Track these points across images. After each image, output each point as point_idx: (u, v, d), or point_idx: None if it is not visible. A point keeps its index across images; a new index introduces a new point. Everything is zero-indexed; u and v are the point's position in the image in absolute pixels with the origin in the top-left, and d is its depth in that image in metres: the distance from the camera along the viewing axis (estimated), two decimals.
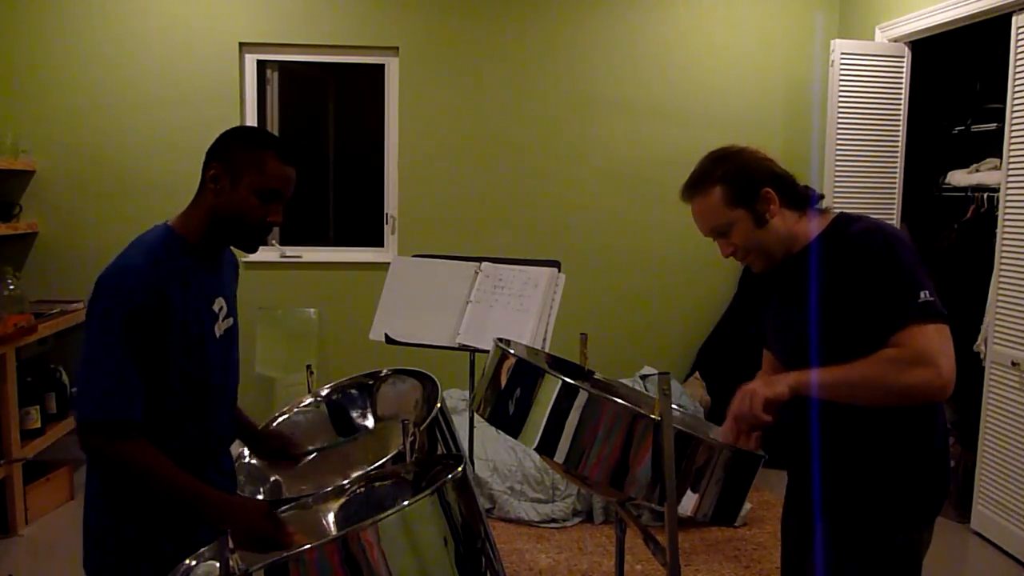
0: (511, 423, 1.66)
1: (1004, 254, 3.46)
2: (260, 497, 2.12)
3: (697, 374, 4.60)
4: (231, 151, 1.65)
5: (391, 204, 4.70)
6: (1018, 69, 3.34)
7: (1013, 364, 3.36)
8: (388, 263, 3.50)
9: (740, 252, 1.71)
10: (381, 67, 4.63)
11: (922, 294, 1.52)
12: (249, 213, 1.64)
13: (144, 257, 1.59)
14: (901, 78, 4.24)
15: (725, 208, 1.67)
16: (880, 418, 1.61)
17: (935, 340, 1.51)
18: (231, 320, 1.79)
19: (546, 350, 2.75)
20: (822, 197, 1.75)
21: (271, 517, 1.55)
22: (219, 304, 1.73)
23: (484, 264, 3.22)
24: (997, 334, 3.48)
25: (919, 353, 1.50)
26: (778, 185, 1.67)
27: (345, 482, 1.77)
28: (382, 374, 2.40)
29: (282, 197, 1.68)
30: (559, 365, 2.15)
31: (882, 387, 1.52)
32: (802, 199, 1.70)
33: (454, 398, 4.16)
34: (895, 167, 4.29)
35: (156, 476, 1.53)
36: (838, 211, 1.73)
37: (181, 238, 1.66)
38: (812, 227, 1.69)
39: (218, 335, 1.72)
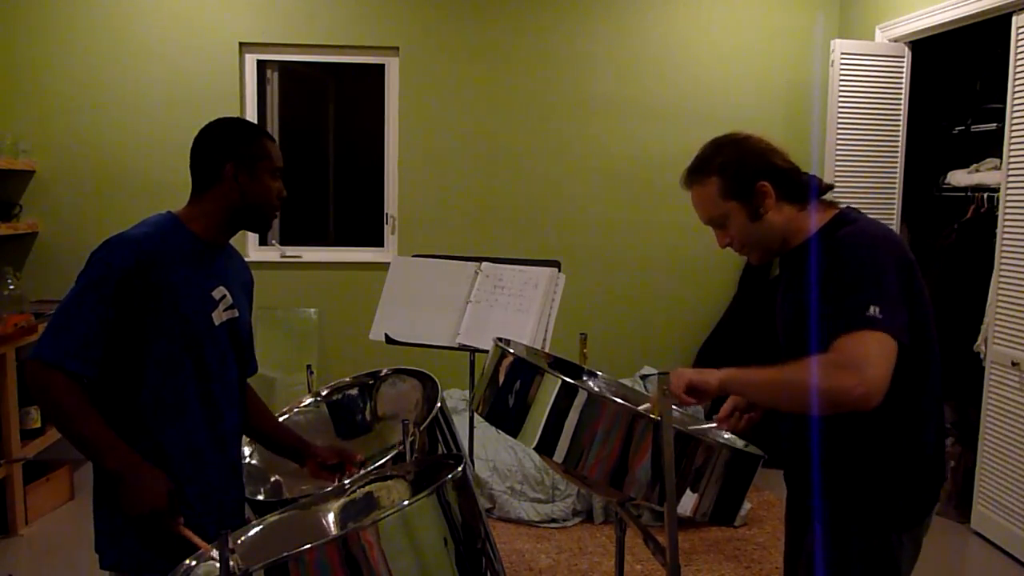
0: (510, 423, 1.66)
1: (1004, 254, 3.46)
2: (260, 498, 2.12)
3: None
4: (239, 146, 1.74)
5: (391, 204, 4.70)
6: (1018, 69, 3.34)
7: (1013, 364, 3.36)
8: (388, 263, 3.49)
9: (736, 244, 1.71)
10: (381, 67, 4.63)
11: (872, 309, 1.45)
12: (270, 196, 1.77)
13: (141, 229, 1.68)
14: (901, 78, 4.24)
15: (719, 200, 1.66)
16: (866, 420, 1.56)
17: (867, 347, 1.43)
18: (235, 312, 1.79)
19: (546, 350, 2.75)
20: (830, 188, 1.71)
21: (171, 496, 1.57)
22: (220, 292, 1.76)
23: (484, 264, 3.22)
24: (997, 334, 3.48)
25: (847, 358, 1.43)
26: (776, 178, 1.64)
27: (345, 482, 1.77)
28: (382, 374, 2.41)
29: (282, 171, 1.80)
30: (559, 365, 2.16)
31: (804, 388, 1.47)
32: (804, 191, 1.67)
33: (454, 398, 4.16)
34: (895, 167, 4.29)
35: (75, 418, 1.57)
36: (844, 205, 1.69)
37: (183, 226, 1.73)
38: (813, 221, 1.66)
39: (217, 322, 1.74)
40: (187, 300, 1.68)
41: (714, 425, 1.86)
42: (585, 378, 2.18)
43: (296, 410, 2.39)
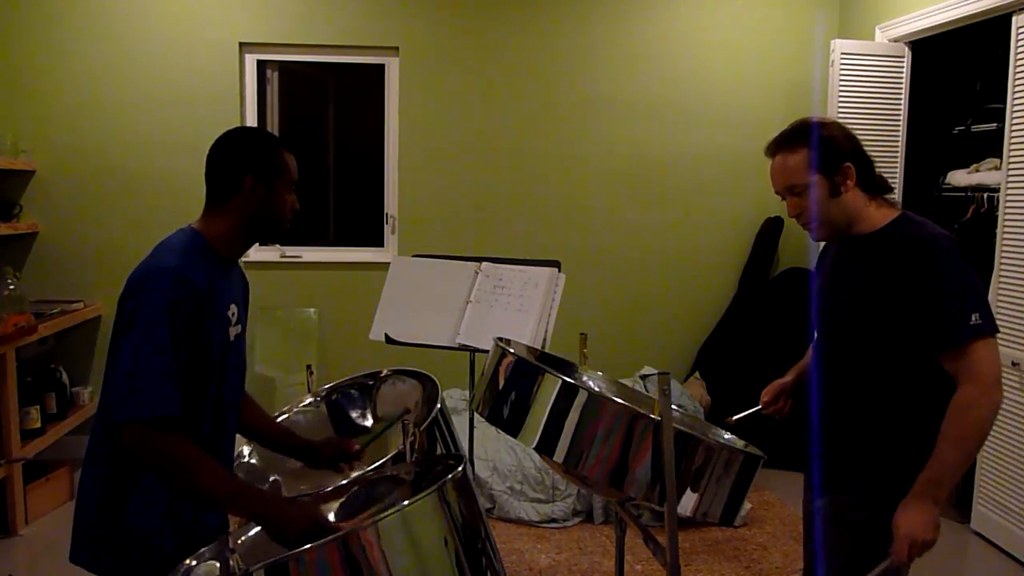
0: (511, 423, 1.66)
1: (1004, 254, 3.46)
2: None
3: (697, 374, 4.60)
4: (260, 158, 1.71)
5: (391, 204, 4.70)
6: (1018, 69, 3.34)
7: (1013, 364, 3.36)
8: (388, 263, 3.49)
9: (805, 216, 1.78)
10: (381, 67, 4.63)
11: (974, 316, 1.62)
12: (286, 209, 1.76)
13: (178, 258, 1.62)
14: (901, 78, 4.24)
15: (806, 170, 1.73)
16: (890, 401, 1.70)
17: (992, 360, 1.65)
18: (239, 328, 1.81)
19: (546, 350, 2.75)
20: (891, 190, 1.82)
21: (320, 527, 1.50)
22: (232, 310, 1.76)
23: (484, 264, 3.22)
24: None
25: (988, 378, 1.63)
26: (860, 164, 1.74)
27: (345, 482, 1.77)
28: (382, 374, 2.41)
29: (296, 184, 1.79)
30: (558, 365, 2.15)
31: (984, 428, 1.63)
32: (876, 186, 1.78)
33: (454, 398, 4.16)
34: (895, 167, 4.29)
35: (200, 471, 1.52)
36: (903, 209, 1.79)
37: (208, 244, 1.70)
38: (878, 215, 1.76)
39: (231, 339, 1.75)
40: (215, 326, 1.66)
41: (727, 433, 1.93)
42: (585, 378, 2.18)
43: (296, 410, 2.39)
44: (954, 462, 1.64)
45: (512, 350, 1.75)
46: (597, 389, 2.10)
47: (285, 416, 2.35)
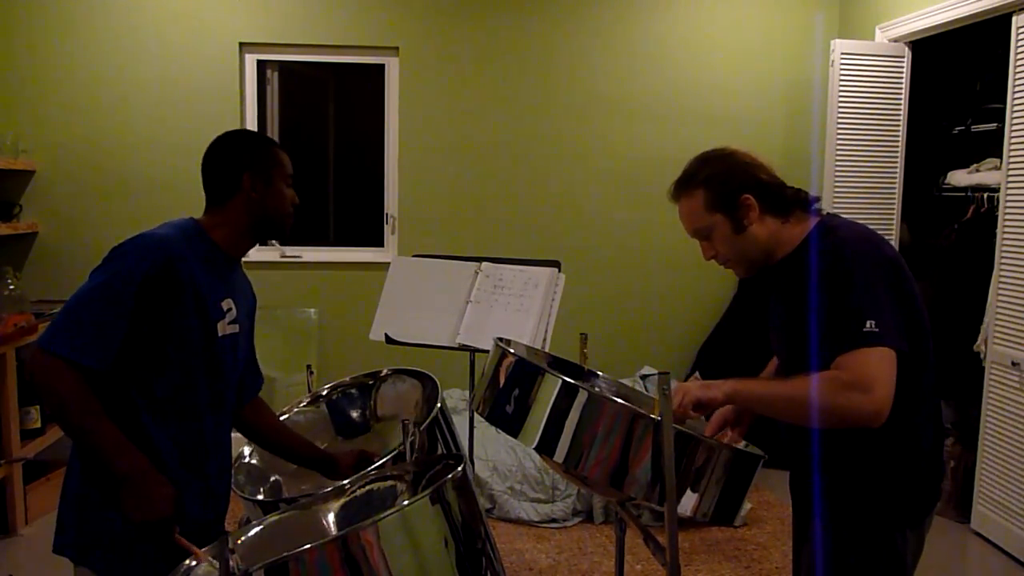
0: (511, 423, 1.66)
1: (1004, 254, 3.46)
2: (260, 497, 2.12)
3: (697, 374, 4.60)
4: (253, 156, 1.77)
5: (391, 204, 4.70)
6: (1018, 69, 3.34)
7: (1013, 364, 3.36)
8: (388, 263, 3.49)
9: (720, 257, 1.74)
10: (381, 67, 4.63)
11: (868, 324, 1.48)
12: (285, 202, 1.81)
13: (167, 231, 1.68)
14: (901, 78, 4.24)
15: (704, 212, 1.69)
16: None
17: (873, 366, 1.47)
18: (237, 327, 1.79)
19: (546, 350, 2.75)
20: (817, 200, 1.72)
21: (177, 503, 1.54)
22: (228, 304, 1.76)
23: (484, 264, 3.22)
24: (997, 334, 3.48)
25: (855, 378, 1.47)
26: (761, 192, 1.66)
27: (345, 482, 1.77)
28: (382, 374, 2.41)
29: (292, 179, 1.85)
30: (559, 365, 2.16)
31: (814, 406, 1.50)
32: (788, 205, 1.68)
33: (454, 398, 4.16)
34: (895, 167, 4.29)
35: (83, 414, 1.53)
36: (827, 213, 1.71)
37: (205, 233, 1.75)
38: (793, 235, 1.67)
39: (220, 333, 1.73)
40: (198, 306, 1.67)
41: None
42: (585, 378, 2.18)
43: (296, 410, 2.39)
44: (763, 397, 1.58)
45: (512, 350, 1.76)
46: (597, 389, 2.10)
47: (285, 416, 2.35)
